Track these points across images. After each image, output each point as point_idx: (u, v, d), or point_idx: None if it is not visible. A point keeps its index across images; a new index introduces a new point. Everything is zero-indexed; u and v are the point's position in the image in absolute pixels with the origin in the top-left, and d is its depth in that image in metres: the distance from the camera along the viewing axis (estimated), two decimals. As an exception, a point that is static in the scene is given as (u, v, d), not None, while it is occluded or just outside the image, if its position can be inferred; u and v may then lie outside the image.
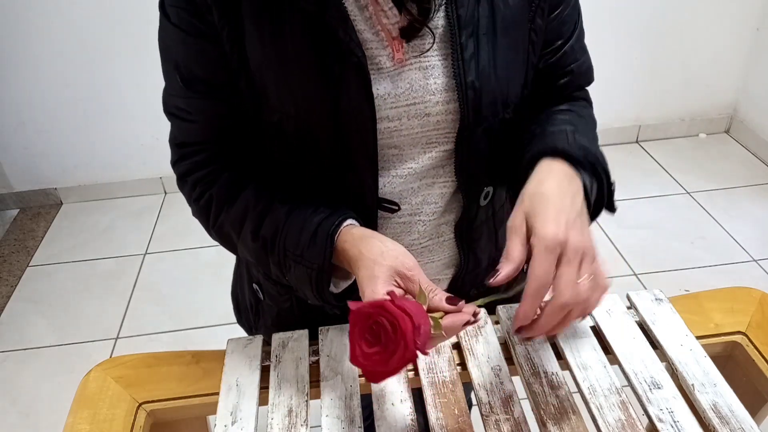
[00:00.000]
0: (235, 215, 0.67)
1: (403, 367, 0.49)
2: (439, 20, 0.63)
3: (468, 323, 0.55)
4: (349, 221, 0.63)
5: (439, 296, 0.55)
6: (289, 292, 0.79)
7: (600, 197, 0.66)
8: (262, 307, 0.85)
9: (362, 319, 0.50)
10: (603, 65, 0.78)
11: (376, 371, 0.50)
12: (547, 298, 0.56)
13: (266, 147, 0.69)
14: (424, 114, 0.65)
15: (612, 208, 0.68)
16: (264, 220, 0.66)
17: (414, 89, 0.64)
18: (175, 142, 0.71)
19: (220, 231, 0.70)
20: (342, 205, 0.65)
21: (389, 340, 0.48)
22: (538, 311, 0.56)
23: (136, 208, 2.60)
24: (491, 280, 0.55)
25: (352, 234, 0.61)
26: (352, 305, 0.51)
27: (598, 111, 0.80)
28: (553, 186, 0.60)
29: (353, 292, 0.64)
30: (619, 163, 2.69)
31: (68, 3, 2.19)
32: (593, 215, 0.65)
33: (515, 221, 0.58)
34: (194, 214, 0.72)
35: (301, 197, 0.67)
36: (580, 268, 0.55)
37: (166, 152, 0.72)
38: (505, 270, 0.55)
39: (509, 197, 0.77)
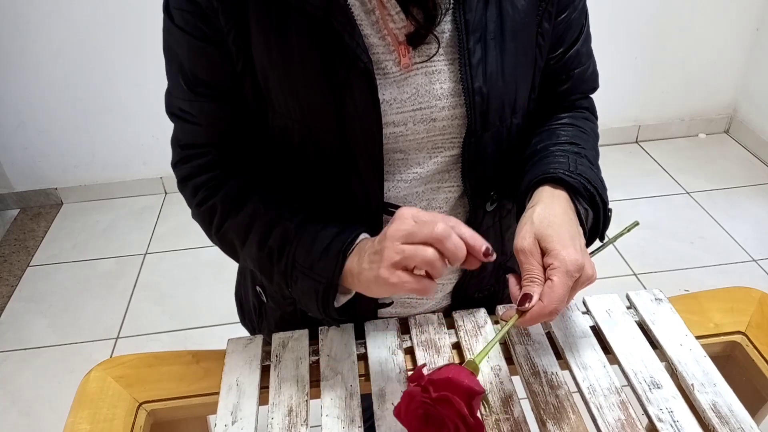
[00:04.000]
0: (241, 223, 0.67)
1: None
2: (446, 25, 0.62)
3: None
4: (363, 235, 0.63)
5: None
6: (292, 296, 0.79)
7: (596, 226, 0.67)
8: (265, 309, 0.85)
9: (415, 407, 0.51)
10: (603, 65, 0.78)
11: None
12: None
13: (271, 152, 0.69)
14: (430, 119, 0.65)
15: (602, 238, 0.69)
16: (273, 229, 0.65)
17: (420, 94, 0.63)
18: (178, 143, 0.70)
19: (223, 238, 0.69)
20: (354, 221, 0.65)
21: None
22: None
23: (137, 208, 2.60)
24: (527, 305, 0.56)
25: (361, 246, 0.61)
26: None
27: (598, 111, 0.79)
28: (560, 212, 0.61)
29: (353, 307, 0.65)
30: (618, 163, 2.69)
31: (68, 3, 2.18)
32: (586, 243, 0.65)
33: (527, 243, 0.58)
34: (194, 217, 0.72)
35: (309, 207, 0.67)
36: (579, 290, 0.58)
37: (166, 152, 0.72)
38: (536, 293, 0.56)
39: (516, 209, 0.78)
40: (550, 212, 0.60)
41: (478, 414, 0.51)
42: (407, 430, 0.52)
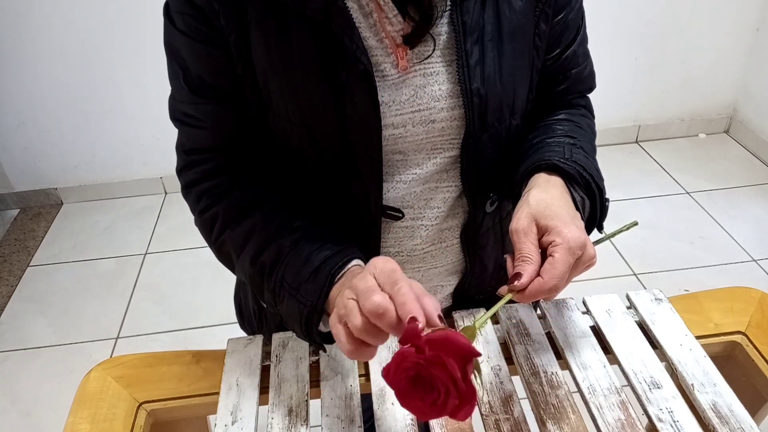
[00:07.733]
0: (238, 235, 0.65)
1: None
2: (443, 27, 0.62)
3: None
4: (355, 262, 0.60)
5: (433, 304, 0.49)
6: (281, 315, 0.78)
7: (593, 215, 0.66)
8: (265, 314, 0.84)
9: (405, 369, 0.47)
10: (603, 65, 0.78)
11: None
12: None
13: (271, 154, 0.68)
14: (429, 120, 0.65)
15: (600, 228, 0.68)
16: (268, 246, 0.63)
17: (418, 96, 0.63)
18: (183, 149, 0.69)
19: (220, 248, 0.69)
20: (350, 244, 0.62)
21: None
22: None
23: (137, 208, 2.60)
24: (516, 283, 0.55)
25: (352, 273, 0.58)
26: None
27: (597, 111, 0.79)
28: (557, 195, 0.60)
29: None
30: (618, 163, 2.69)
31: (68, 3, 2.18)
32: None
33: (523, 223, 0.57)
34: (197, 224, 0.71)
35: (309, 224, 0.65)
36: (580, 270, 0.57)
37: (166, 152, 0.72)
38: (528, 272, 0.55)
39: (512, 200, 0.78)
40: (546, 195, 0.60)
41: (475, 382, 0.49)
42: (393, 392, 0.50)
